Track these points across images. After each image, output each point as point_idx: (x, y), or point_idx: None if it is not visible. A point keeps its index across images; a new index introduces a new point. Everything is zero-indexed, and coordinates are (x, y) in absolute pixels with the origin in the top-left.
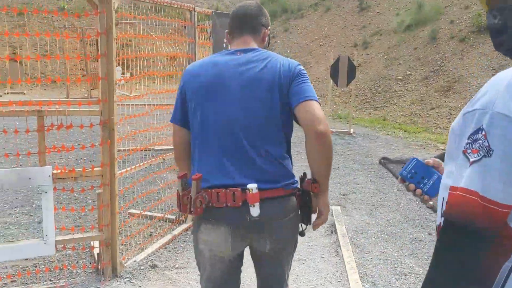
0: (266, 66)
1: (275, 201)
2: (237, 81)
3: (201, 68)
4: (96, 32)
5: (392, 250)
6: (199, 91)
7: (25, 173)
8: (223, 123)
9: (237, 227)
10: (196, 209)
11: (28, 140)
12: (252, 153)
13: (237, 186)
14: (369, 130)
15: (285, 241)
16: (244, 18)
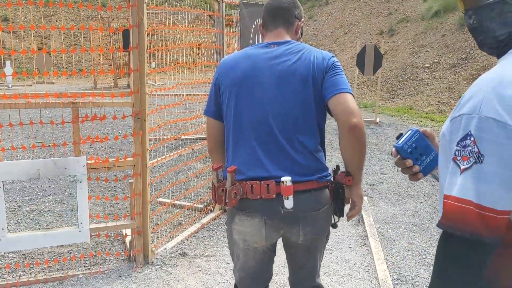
0: (300, 59)
1: (309, 193)
2: (271, 74)
3: (235, 61)
4: (120, 25)
5: (420, 241)
6: (233, 84)
7: (61, 163)
8: (257, 115)
9: (271, 218)
10: (231, 200)
11: (58, 130)
12: (286, 146)
13: (271, 178)
14: (395, 119)
15: (318, 233)
16: (277, 10)
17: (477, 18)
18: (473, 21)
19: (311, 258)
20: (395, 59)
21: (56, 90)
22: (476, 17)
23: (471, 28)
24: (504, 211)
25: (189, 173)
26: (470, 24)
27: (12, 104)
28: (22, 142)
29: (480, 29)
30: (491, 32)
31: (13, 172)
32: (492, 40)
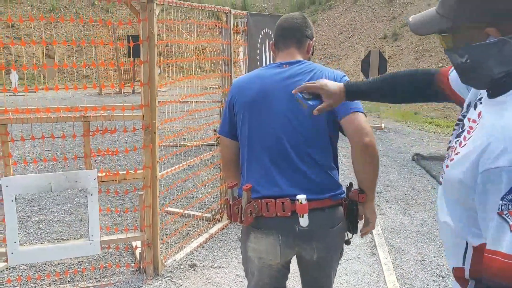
0: (311, 79)
1: (323, 211)
2: (283, 94)
3: (248, 82)
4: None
5: (428, 251)
6: (246, 104)
7: (72, 176)
8: (270, 134)
9: (286, 236)
10: (247, 218)
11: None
12: (300, 164)
13: (286, 196)
14: (400, 124)
15: (332, 250)
16: (289, 30)
17: (472, 56)
18: (466, 60)
19: (325, 275)
20: (399, 63)
21: (62, 97)
22: (470, 55)
23: (461, 66)
24: None
25: (197, 183)
26: (461, 63)
27: (24, 119)
28: (33, 155)
29: (473, 67)
30: (487, 70)
31: (25, 186)
32: (487, 77)
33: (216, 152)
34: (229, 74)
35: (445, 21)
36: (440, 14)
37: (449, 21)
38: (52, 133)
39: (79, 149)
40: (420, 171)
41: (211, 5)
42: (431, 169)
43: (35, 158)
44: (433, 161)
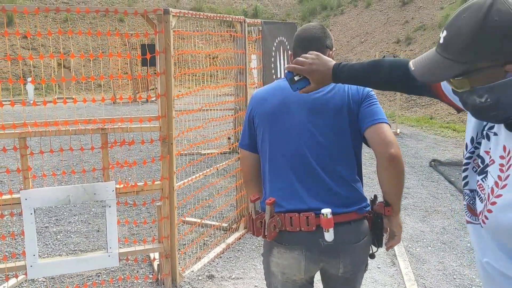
0: (333, 89)
1: (349, 225)
2: (304, 105)
3: (268, 94)
4: (145, 31)
5: (450, 260)
6: (266, 116)
7: (91, 189)
8: (291, 147)
9: (311, 251)
10: (270, 233)
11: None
12: (324, 177)
13: (310, 210)
14: (416, 129)
15: (358, 265)
16: (308, 41)
17: (492, 95)
18: (486, 99)
19: (350, 284)
20: None
21: (78, 107)
22: (491, 94)
23: (480, 106)
24: None
25: (214, 193)
26: (480, 103)
27: (43, 132)
28: (52, 167)
29: (494, 106)
30: (508, 107)
31: (44, 198)
32: (508, 115)
33: (232, 162)
34: (244, 83)
35: (456, 65)
36: (447, 58)
37: (461, 64)
38: (70, 145)
39: (95, 158)
40: (438, 177)
41: (226, 15)
42: (449, 175)
43: (53, 171)
44: (450, 166)
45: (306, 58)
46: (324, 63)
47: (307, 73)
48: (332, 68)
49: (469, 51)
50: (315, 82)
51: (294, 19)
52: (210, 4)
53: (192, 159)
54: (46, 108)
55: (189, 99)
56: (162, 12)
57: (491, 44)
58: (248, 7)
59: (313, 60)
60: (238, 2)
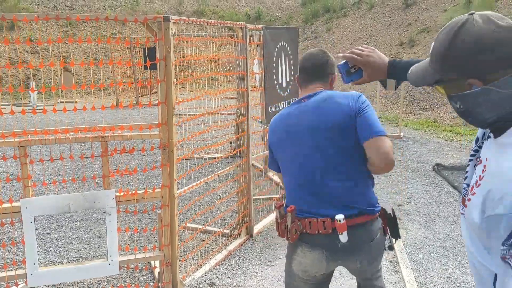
0: (328, 106)
1: (361, 227)
2: (305, 126)
3: (279, 121)
4: (145, 40)
5: (453, 267)
6: (279, 142)
7: (91, 197)
8: (302, 166)
9: (330, 251)
10: (292, 236)
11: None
12: (336, 191)
13: (326, 216)
14: (419, 133)
15: (372, 259)
16: (312, 70)
17: (463, 103)
18: (460, 106)
19: (370, 276)
20: None
21: (80, 110)
22: (462, 102)
23: (458, 112)
24: None
25: (215, 199)
26: (457, 108)
27: (43, 140)
28: (52, 174)
29: (467, 113)
30: (480, 116)
31: (44, 207)
32: (482, 122)
33: (233, 168)
34: (245, 89)
35: (435, 73)
36: (431, 67)
37: (437, 74)
38: (71, 153)
39: (97, 164)
40: (441, 182)
41: (227, 21)
42: (452, 180)
43: (54, 179)
44: (454, 171)
45: (363, 50)
46: (380, 56)
47: (363, 65)
48: (388, 62)
49: (440, 63)
50: (369, 74)
51: (296, 21)
52: (213, 7)
53: (194, 164)
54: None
55: (192, 102)
56: (162, 19)
57: (456, 60)
58: (250, 10)
59: (369, 52)
60: (241, 5)
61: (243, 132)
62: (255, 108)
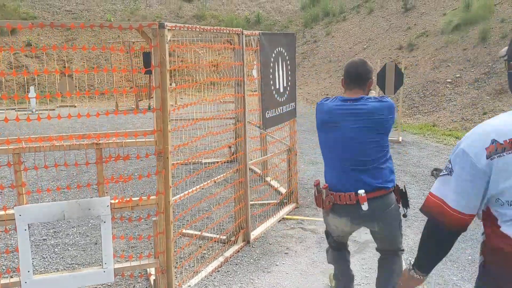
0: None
1: (380, 199)
2: (345, 120)
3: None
4: (140, 46)
5: (450, 273)
6: (323, 124)
7: (85, 204)
8: (340, 147)
9: (354, 218)
10: (326, 206)
11: (82, 169)
12: (362, 169)
13: (352, 191)
14: (418, 137)
15: (388, 224)
16: (355, 77)
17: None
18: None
19: (388, 237)
20: (415, 74)
21: (78, 113)
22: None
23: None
24: (458, 210)
25: (212, 206)
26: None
27: (37, 147)
28: (47, 181)
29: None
30: None
31: (38, 214)
32: None
33: (230, 173)
34: (242, 95)
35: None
36: None
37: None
38: (65, 161)
39: (95, 169)
40: None
41: (223, 28)
42: None
43: (48, 188)
44: None
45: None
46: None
47: None
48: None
49: None
50: None
51: (296, 25)
52: (212, 11)
53: (193, 169)
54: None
55: (191, 107)
56: (157, 26)
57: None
58: (250, 14)
59: None
60: (241, 9)
61: (240, 138)
62: (254, 113)
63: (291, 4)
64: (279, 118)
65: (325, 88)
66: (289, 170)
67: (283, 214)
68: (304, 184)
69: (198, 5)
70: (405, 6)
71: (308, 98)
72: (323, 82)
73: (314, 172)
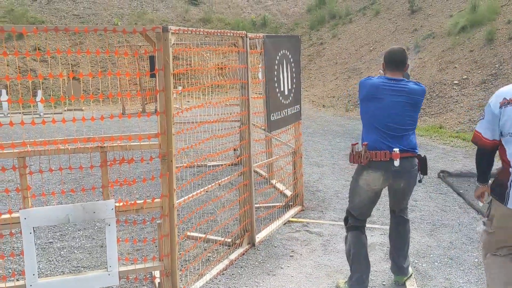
0: (406, 88)
1: (408, 159)
2: (389, 95)
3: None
4: (145, 49)
5: (456, 276)
6: (369, 96)
7: (90, 207)
8: (381, 116)
9: (386, 172)
10: (364, 160)
11: (86, 172)
12: (397, 133)
13: (387, 149)
14: (424, 139)
15: (411, 182)
16: (398, 62)
17: None
18: None
19: (406, 196)
20: (422, 76)
21: (83, 116)
22: None
23: None
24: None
25: (217, 209)
26: None
27: (42, 151)
28: (52, 185)
29: None
30: None
31: (43, 218)
32: None
33: (235, 176)
34: (246, 98)
35: None
36: None
37: None
38: (70, 165)
39: (96, 172)
40: (446, 189)
41: (227, 30)
42: (458, 187)
43: (53, 191)
44: (460, 178)
45: None
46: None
47: None
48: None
49: None
50: None
51: (302, 28)
52: (219, 14)
53: (198, 172)
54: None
55: (196, 110)
56: (160, 30)
57: None
58: (256, 17)
59: None
60: (247, 12)
61: (245, 140)
62: (259, 116)
63: (297, 6)
64: (284, 120)
65: (332, 90)
66: (295, 172)
67: (289, 217)
68: (310, 186)
69: (204, 8)
70: (411, 8)
71: (315, 100)
72: (329, 84)
73: (319, 174)
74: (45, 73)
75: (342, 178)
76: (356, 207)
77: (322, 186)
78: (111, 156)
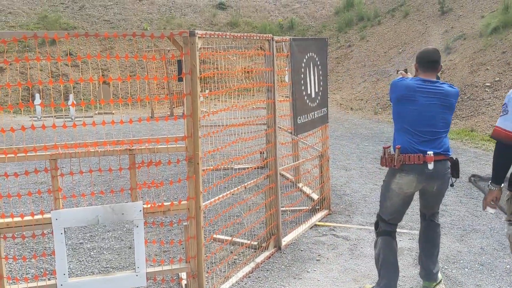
0: (441, 90)
1: (441, 162)
2: (423, 97)
3: (402, 83)
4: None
5: (487, 283)
6: (400, 98)
7: (119, 209)
8: (414, 118)
9: (419, 176)
10: (398, 163)
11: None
12: (431, 136)
13: (420, 152)
14: (455, 142)
15: (444, 186)
16: (433, 63)
17: None
18: None
19: (438, 200)
20: (453, 78)
21: (112, 120)
22: None
23: None
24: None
25: (243, 212)
26: None
27: (73, 154)
28: (84, 188)
29: None
30: None
31: (74, 219)
32: None
33: (261, 179)
34: (272, 101)
35: None
36: None
37: None
38: (99, 167)
39: (125, 174)
40: (477, 194)
41: (253, 34)
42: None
43: (83, 192)
44: None
45: None
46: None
47: None
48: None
49: None
50: None
51: (330, 30)
52: (246, 18)
53: (225, 174)
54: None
55: (223, 113)
56: (188, 34)
57: None
58: (284, 20)
59: None
60: (274, 16)
61: (271, 144)
62: (285, 119)
63: (325, 9)
64: (311, 123)
65: (360, 93)
66: (321, 176)
67: (315, 220)
68: (337, 190)
69: (231, 12)
70: (441, 9)
71: (342, 103)
72: (357, 87)
73: (346, 178)
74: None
75: (370, 182)
76: (388, 211)
77: (349, 190)
78: (140, 158)
